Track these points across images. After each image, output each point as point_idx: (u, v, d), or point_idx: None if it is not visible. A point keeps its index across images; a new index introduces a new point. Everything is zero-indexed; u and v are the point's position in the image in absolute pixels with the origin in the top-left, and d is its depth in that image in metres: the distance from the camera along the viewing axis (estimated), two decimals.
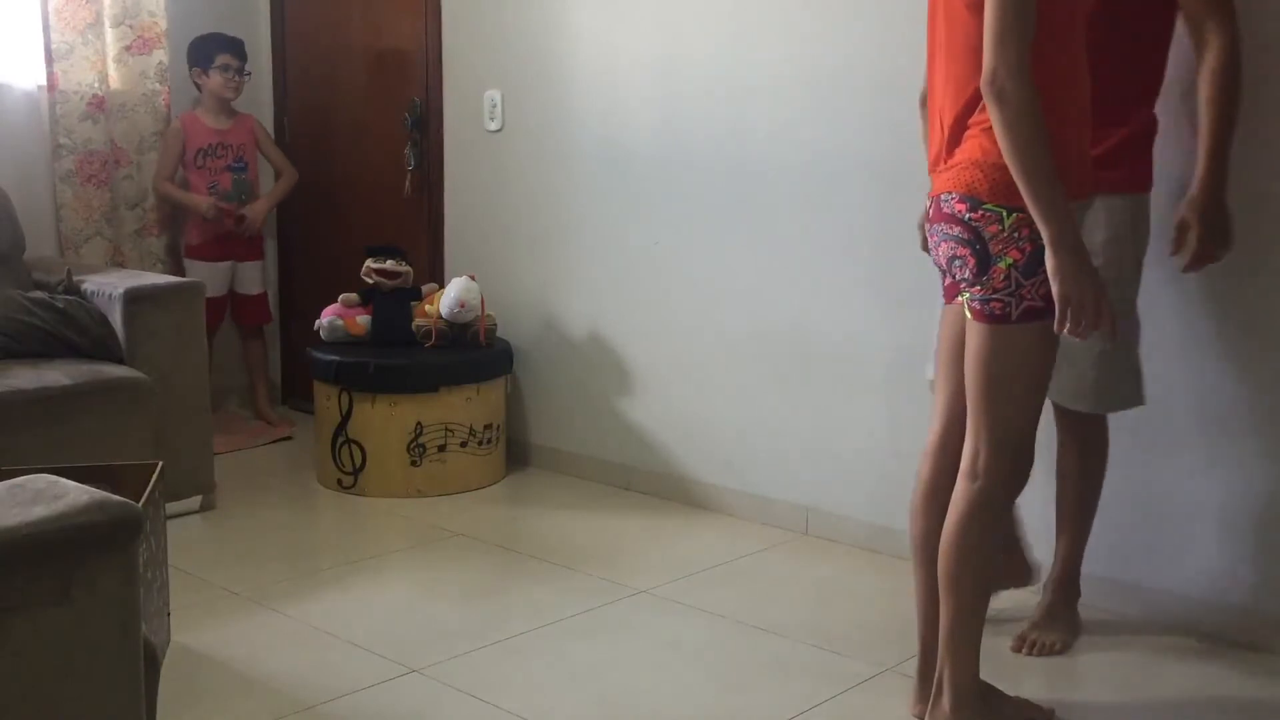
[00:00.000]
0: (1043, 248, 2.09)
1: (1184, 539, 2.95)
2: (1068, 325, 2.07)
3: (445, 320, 4.05)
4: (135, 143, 4.42)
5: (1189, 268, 2.64)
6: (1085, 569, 3.10)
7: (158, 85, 4.44)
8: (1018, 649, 2.80)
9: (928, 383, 2.55)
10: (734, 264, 3.70)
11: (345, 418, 3.95)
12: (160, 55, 4.43)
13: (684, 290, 3.83)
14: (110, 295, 3.63)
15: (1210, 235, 2.60)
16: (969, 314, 2.22)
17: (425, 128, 4.44)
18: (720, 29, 3.65)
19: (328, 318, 4.10)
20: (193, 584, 3.16)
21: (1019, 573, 2.95)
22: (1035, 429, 2.28)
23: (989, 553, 2.29)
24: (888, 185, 3.32)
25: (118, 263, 4.36)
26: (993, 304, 2.17)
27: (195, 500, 3.73)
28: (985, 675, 2.36)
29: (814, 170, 3.49)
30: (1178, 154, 2.75)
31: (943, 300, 2.40)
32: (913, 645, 2.51)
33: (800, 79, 3.49)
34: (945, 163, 2.24)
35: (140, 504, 2.18)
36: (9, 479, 1.70)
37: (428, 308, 4.10)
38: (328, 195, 4.79)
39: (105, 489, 1.68)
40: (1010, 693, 2.47)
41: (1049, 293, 2.10)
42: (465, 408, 3.98)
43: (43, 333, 3.54)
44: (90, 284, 3.73)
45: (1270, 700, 2.63)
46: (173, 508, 3.40)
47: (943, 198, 2.22)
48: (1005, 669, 2.64)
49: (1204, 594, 2.92)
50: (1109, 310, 2.07)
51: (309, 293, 4.82)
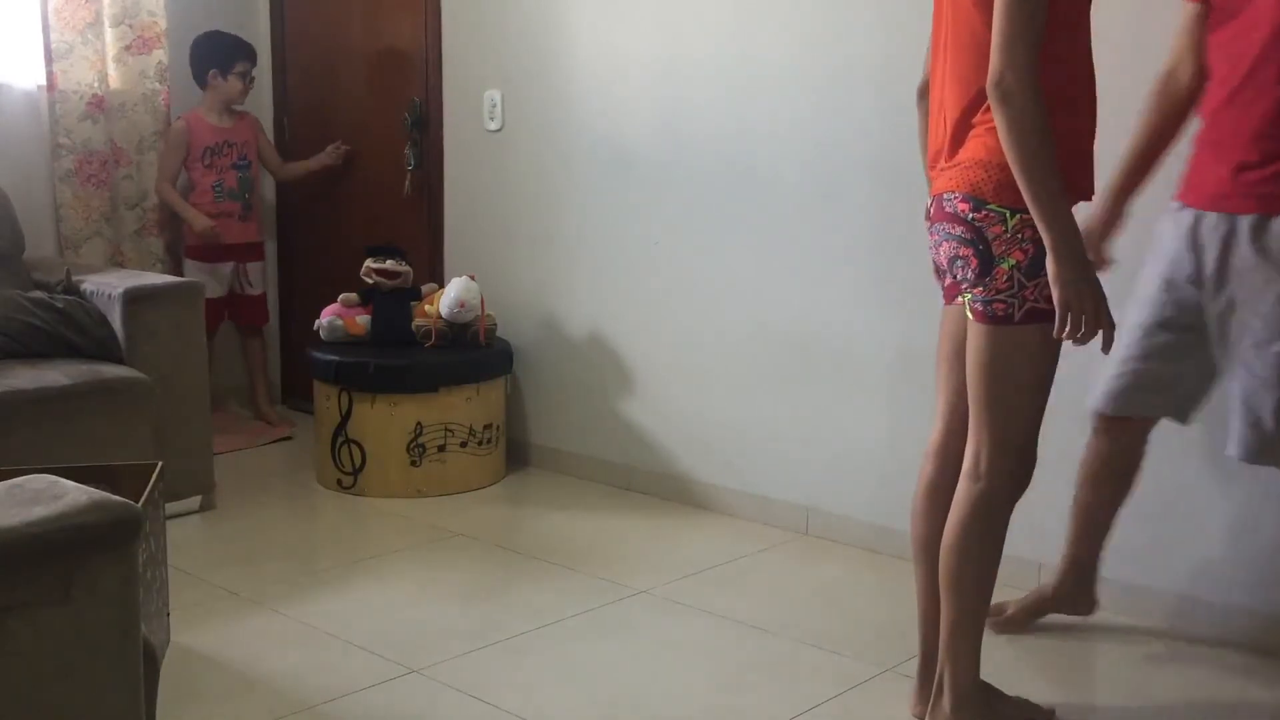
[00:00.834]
0: (1045, 250, 2.08)
1: (1184, 539, 2.95)
2: (1067, 330, 2.06)
3: (445, 320, 4.05)
4: (135, 142, 4.42)
5: None
6: None
7: (157, 85, 4.44)
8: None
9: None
10: (734, 264, 3.70)
11: (345, 418, 3.95)
12: (160, 55, 4.43)
13: (684, 290, 3.83)
14: (110, 295, 3.63)
15: None
16: (970, 315, 2.21)
17: (425, 128, 4.44)
18: (721, 28, 3.64)
19: (327, 318, 4.10)
20: (193, 584, 3.16)
21: (1085, 602, 2.92)
22: (1038, 430, 2.27)
23: (990, 554, 2.28)
24: (888, 185, 3.32)
25: (117, 263, 4.36)
26: (995, 305, 2.16)
27: (195, 500, 3.72)
28: (985, 675, 2.36)
29: (814, 170, 3.49)
30: None
31: (943, 301, 2.38)
32: (913, 645, 2.52)
33: (801, 78, 3.49)
34: (947, 160, 2.22)
35: (140, 504, 2.18)
36: (9, 479, 1.70)
37: (427, 308, 4.10)
38: (328, 195, 4.79)
39: (105, 489, 1.68)
40: (1010, 693, 2.47)
41: (1051, 294, 2.10)
42: (465, 408, 3.98)
43: (42, 333, 3.54)
44: (90, 284, 3.73)
45: (1273, 702, 2.63)
46: (173, 508, 3.40)
47: (945, 197, 2.20)
48: (1006, 669, 2.64)
49: (1206, 595, 2.92)
50: (1108, 317, 2.07)
51: (309, 293, 4.82)
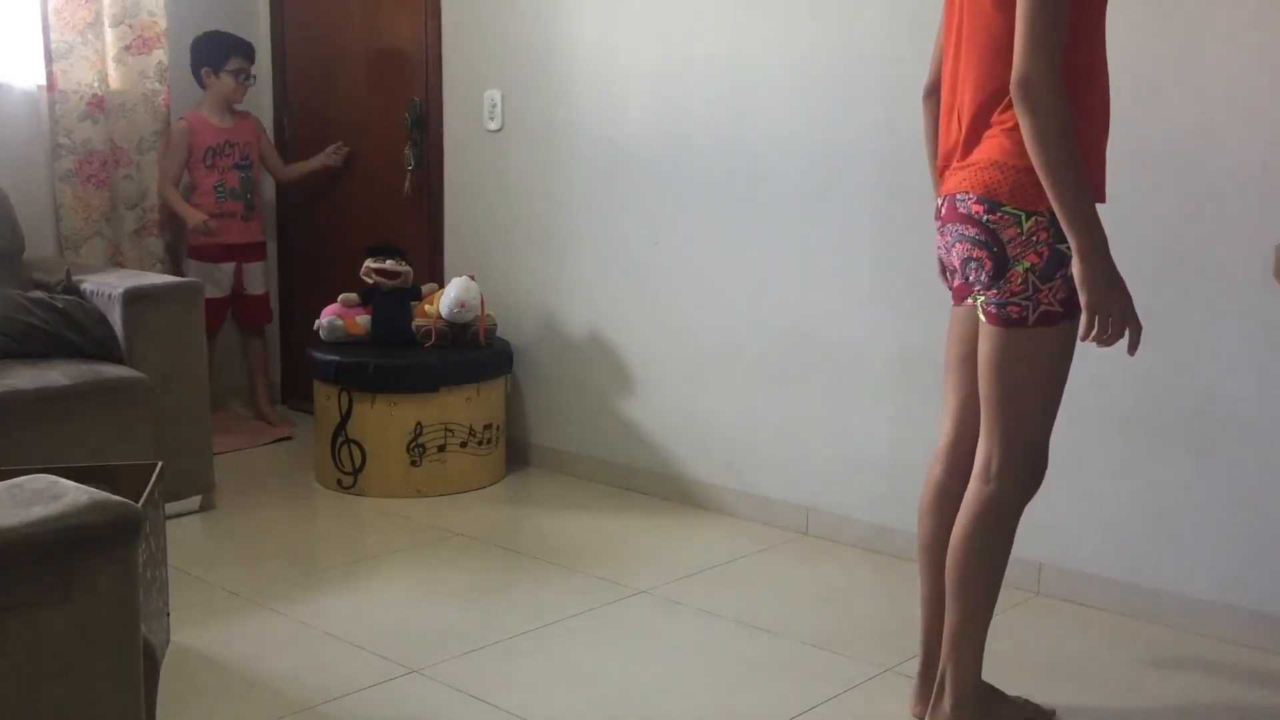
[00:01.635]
0: (1060, 252, 2.07)
1: (1184, 539, 2.95)
2: (1094, 334, 2.04)
3: (445, 320, 4.05)
4: (135, 142, 4.42)
5: None
6: (1086, 569, 3.11)
7: (157, 85, 4.44)
8: None
9: None
10: (734, 264, 3.70)
11: (345, 418, 3.95)
12: (160, 55, 4.43)
13: (684, 290, 3.83)
14: (110, 295, 3.63)
15: None
16: (983, 317, 2.18)
17: (425, 128, 4.44)
18: (721, 29, 3.64)
19: (327, 318, 4.10)
20: (193, 584, 3.16)
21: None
22: (1050, 432, 2.26)
23: (998, 556, 2.26)
24: (888, 186, 3.32)
25: (117, 263, 4.36)
26: (1009, 308, 2.13)
27: (195, 500, 3.72)
28: (985, 675, 2.36)
29: (814, 170, 3.49)
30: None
31: (951, 302, 2.37)
32: (912, 645, 2.52)
33: (801, 78, 3.49)
34: (960, 160, 2.20)
35: (140, 504, 2.18)
36: (9, 479, 1.70)
37: (427, 308, 4.10)
38: (328, 195, 4.79)
39: (105, 489, 1.68)
40: (1010, 693, 2.47)
41: (1066, 297, 2.09)
42: (465, 408, 3.98)
43: (42, 333, 3.54)
44: (90, 284, 3.73)
45: (1274, 702, 2.63)
46: (173, 508, 3.40)
47: (958, 197, 2.17)
48: (1006, 669, 2.64)
49: (1205, 594, 2.92)
50: (1135, 319, 2.05)
51: (309, 293, 4.82)
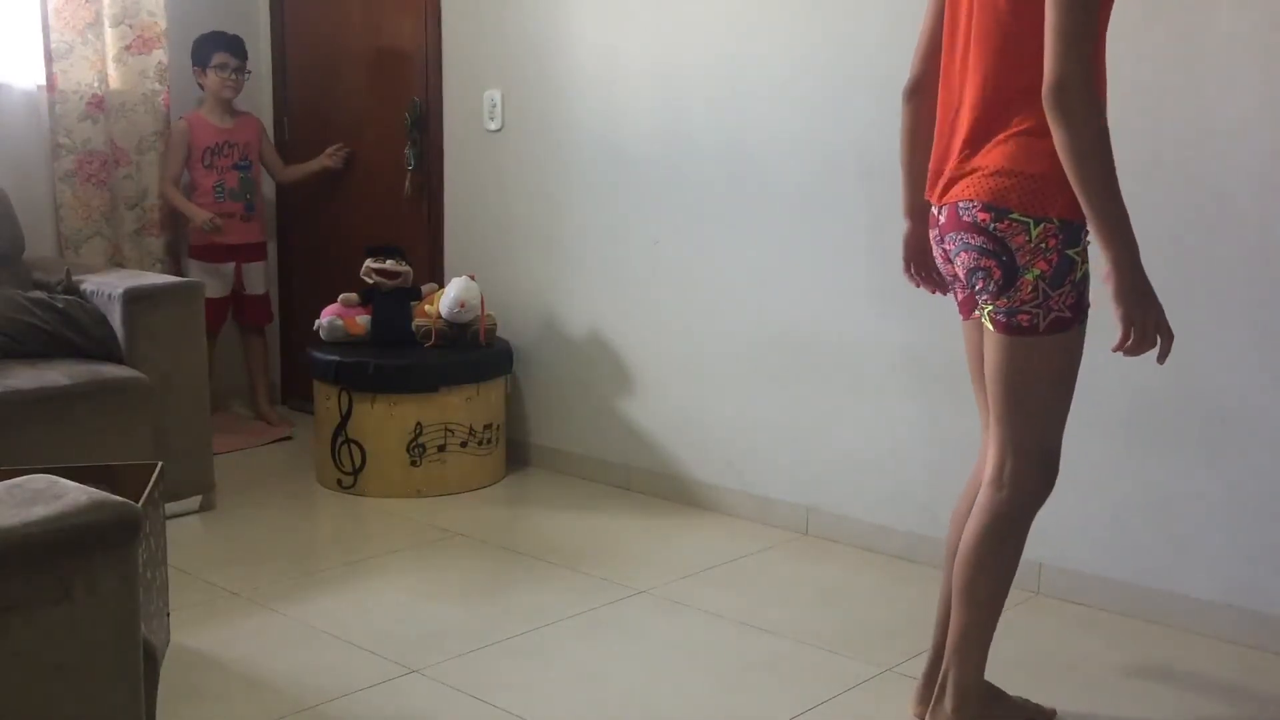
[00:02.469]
0: (1069, 258, 2.06)
1: (1185, 539, 2.95)
2: (1129, 345, 2.02)
3: (445, 320, 4.05)
4: (135, 142, 4.42)
5: None
6: (1086, 569, 3.11)
7: (157, 85, 4.44)
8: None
9: None
10: (734, 264, 3.70)
11: (345, 418, 3.95)
12: (160, 55, 4.43)
13: (684, 290, 3.83)
14: (110, 295, 3.63)
15: None
16: (990, 326, 2.15)
17: (425, 128, 4.44)
18: (720, 29, 3.64)
19: (327, 318, 4.10)
20: (193, 584, 3.15)
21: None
22: (1061, 437, 2.24)
23: (1009, 561, 2.26)
24: (887, 186, 3.31)
25: (117, 263, 4.36)
26: (1019, 316, 2.10)
27: (195, 500, 3.72)
28: (986, 673, 2.36)
29: (815, 170, 3.49)
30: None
31: (960, 316, 2.32)
32: (912, 645, 2.52)
33: (801, 78, 3.49)
34: (959, 166, 2.14)
35: (140, 504, 2.18)
36: (9, 479, 1.70)
37: (427, 308, 4.10)
38: (328, 195, 4.79)
39: (105, 489, 1.68)
40: (1010, 693, 2.47)
41: (1075, 302, 2.09)
42: (465, 408, 3.98)
43: (42, 333, 3.54)
44: (90, 284, 3.73)
45: (1275, 702, 2.63)
46: (173, 508, 3.40)
47: (961, 205, 2.12)
48: (1006, 669, 2.64)
49: (1205, 594, 2.92)
50: (1168, 329, 2.03)
51: (309, 293, 4.82)
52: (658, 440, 3.96)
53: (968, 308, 2.26)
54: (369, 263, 4.15)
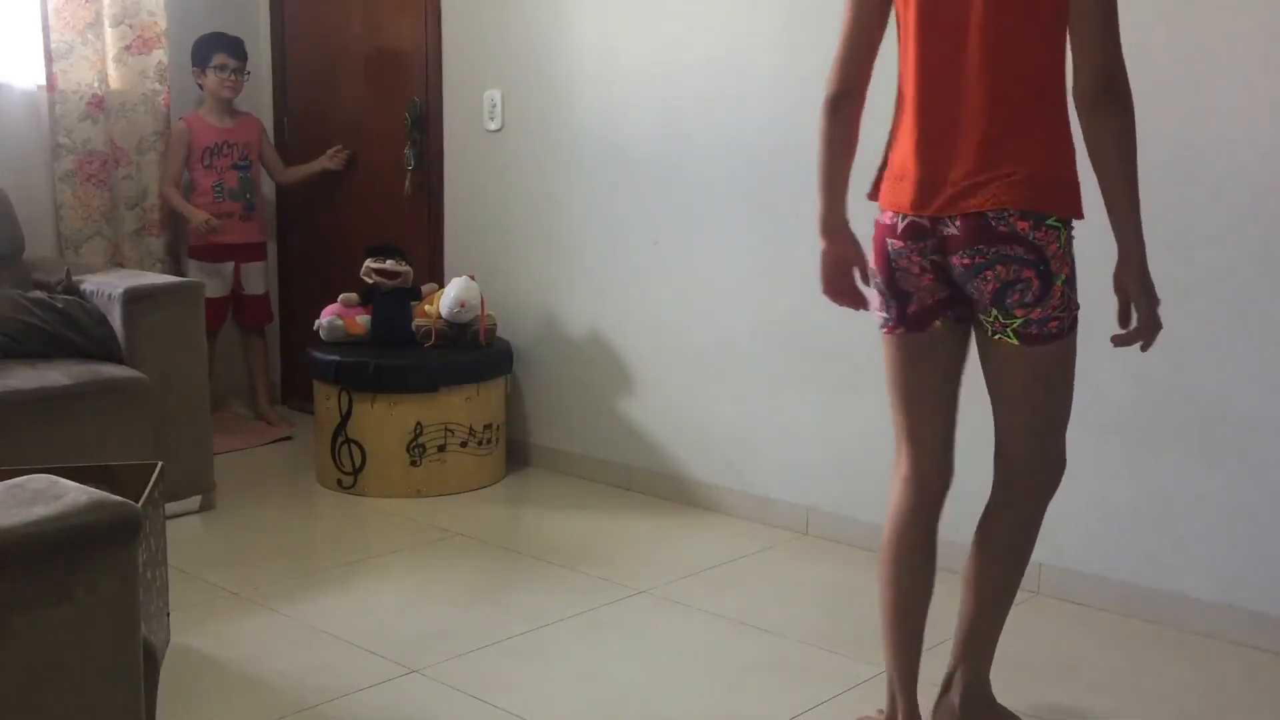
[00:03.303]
0: (1073, 258, 2.06)
1: (1185, 539, 2.95)
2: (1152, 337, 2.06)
3: (445, 320, 4.05)
4: (135, 143, 4.42)
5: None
6: (1086, 569, 3.11)
7: (157, 85, 4.44)
8: None
9: None
10: (734, 263, 3.70)
11: (345, 418, 3.95)
12: (160, 55, 4.43)
13: (684, 290, 3.83)
14: (110, 295, 3.63)
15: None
16: (1017, 341, 2.07)
17: (425, 128, 4.44)
18: (720, 29, 3.64)
19: (327, 318, 4.10)
20: (193, 584, 3.15)
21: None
22: None
23: (1028, 561, 2.33)
24: None
25: (117, 263, 4.36)
26: (1050, 324, 2.06)
27: (195, 500, 3.72)
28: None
29: (814, 170, 3.48)
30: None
31: (902, 329, 2.17)
32: None
33: (801, 78, 3.48)
34: (974, 174, 2.02)
35: (140, 504, 2.18)
36: (9, 479, 1.70)
37: (427, 308, 4.10)
38: (328, 195, 4.79)
39: (105, 489, 1.68)
40: (1008, 693, 2.46)
41: (1076, 300, 2.10)
42: (465, 408, 3.98)
43: (42, 333, 3.54)
44: (90, 284, 3.73)
45: (1275, 702, 2.63)
46: (173, 508, 3.40)
47: (991, 215, 2.00)
48: (1006, 669, 2.63)
49: (1206, 594, 2.92)
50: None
51: (309, 293, 4.82)
52: (658, 440, 3.96)
53: (925, 319, 2.14)
54: (369, 263, 4.15)
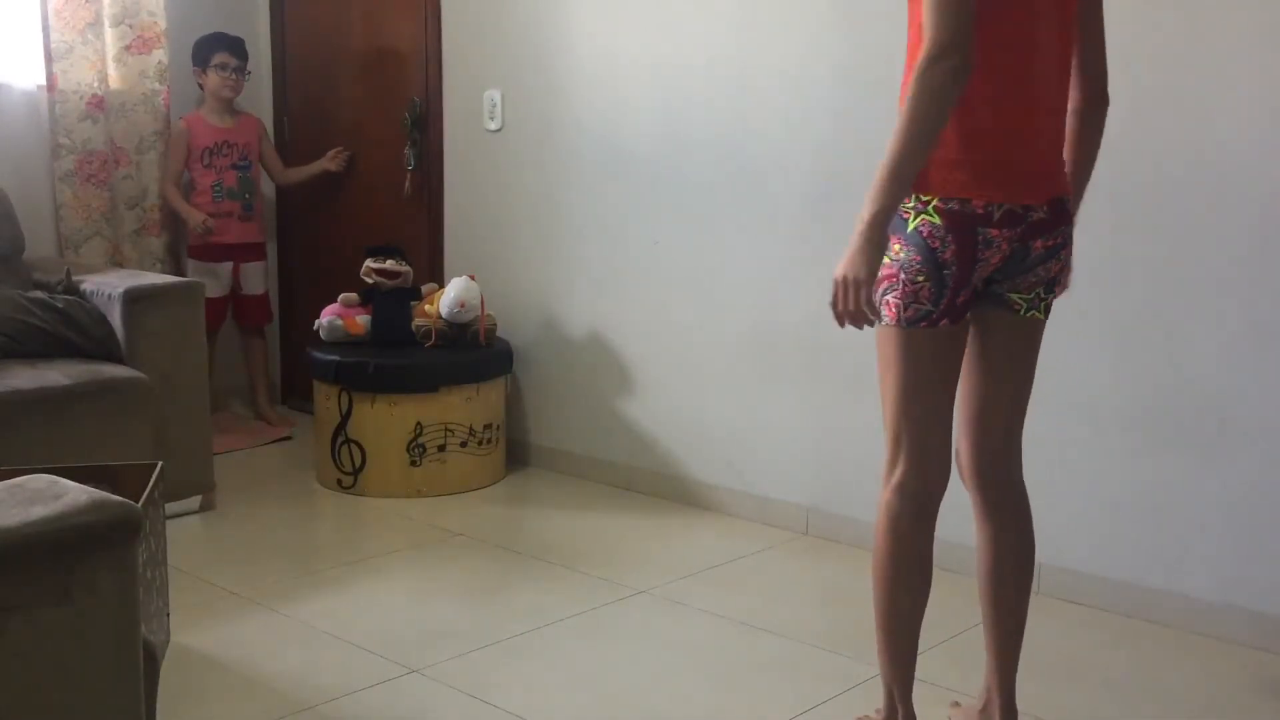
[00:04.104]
0: None
1: (1184, 539, 2.95)
2: None
3: (445, 320, 4.05)
4: (135, 143, 4.42)
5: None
6: (1086, 569, 3.11)
7: (157, 85, 4.44)
8: None
9: None
10: (734, 263, 3.70)
11: (345, 418, 3.95)
12: (160, 55, 4.43)
13: (684, 290, 3.83)
14: (110, 295, 3.63)
15: None
16: (1044, 314, 2.17)
17: (425, 128, 4.44)
18: (720, 28, 3.64)
19: (327, 318, 4.10)
20: (193, 584, 3.15)
21: None
22: None
23: None
24: None
25: (117, 263, 4.36)
26: (1053, 296, 2.20)
27: (195, 500, 3.72)
28: (979, 678, 2.35)
29: (815, 170, 3.49)
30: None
31: (944, 320, 2.09)
32: None
33: (801, 78, 3.49)
34: (1056, 161, 2.11)
35: (140, 504, 2.18)
36: (9, 479, 1.70)
37: (427, 308, 4.10)
38: (328, 195, 4.79)
39: (105, 489, 1.68)
40: (1007, 694, 2.44)
41: None
42: (465, 408, 3.98)
43: (42, 333, 3.54)
44: (90, 284, 3.73)
45: (1275, 702, 2.63)
46: (173, 508, 3.40)
47: (1065, 199, 2.12)
48: None
49: (1206, 594, 2.92)
50: None
51: (309, 293, 4.82)
52: (658, 440, 3.96)
53: (964, 309, 2.11)
54: (369, 263, 4.15)
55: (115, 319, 3.61)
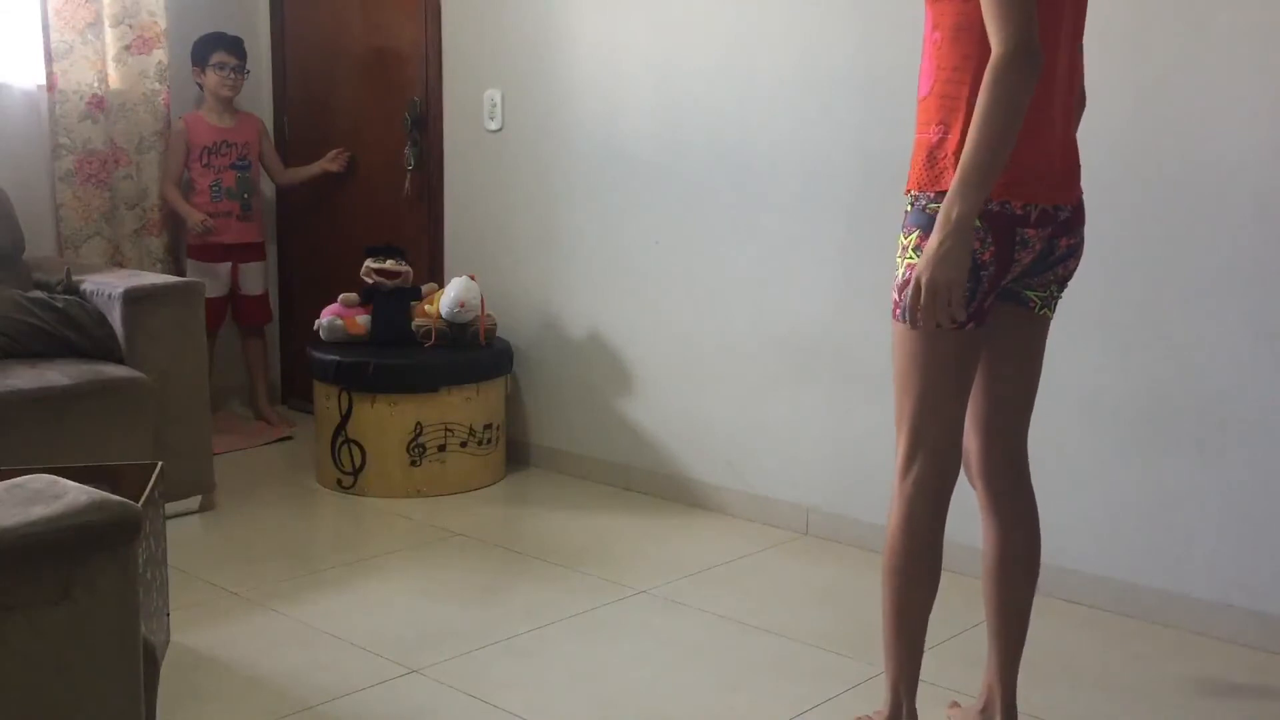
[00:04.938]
0: None
1: (1184, 539, 2.95)
2: None
3: (445, 320, 4.05)
4: (135, 142, 4.42)
5: None
6: (1086, 569, 3.11)
7: (157, 85, 4.44)
8: None
9: None
10: (734, 263, 3.70)
11: (345, 418, 3.95)
12: (160, 55, 4.43)
13: (684, 290, 3.83)
14: (110, 295, 3.63)
15: None
16: (1051, 313, 2.20)
17: (425, 128, 4.44)
18: (720, 29, 3.64)
19: (327, 317, 4.10)
20: (193, 584, 3.15)
21: None
22: None
23: None
24: (886, 186, 3.32)
25: (117, 262, 4.36)
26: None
27: (195, 500, 3.72)
28: (979, 678, 2.36)
29: (814, 170, 3.49)
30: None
31: (972, 323, 2.08)
32: None
33: (801, 78, 3.49)
34: (1075, 161, 2.14)
35: (140, 504, 2.18)
36: (9, 479, 1.70)
37: (427, 307, 4.10)
38: (328, 195, 4.79)
39: (105, 489, 1.68)
40: (1007, 694, 2.44)
41: None
42: (465, 408, 3.98)
43: (42, 333, 3.54)
44: (90, 284, 3.73)
45: (1275, 702, 2.63)
46: (172, 508, 3.40)
47: (1083, 200, 2.15)
48: None
49: (1205, 594, 2.92)
50: None
51: (309, 293, 4.82)
52: (658, 440, 3.96)
53: (991, 311, 2.12)
54: (369, 263, 4.15)
55: (115, 319, 3.61)
